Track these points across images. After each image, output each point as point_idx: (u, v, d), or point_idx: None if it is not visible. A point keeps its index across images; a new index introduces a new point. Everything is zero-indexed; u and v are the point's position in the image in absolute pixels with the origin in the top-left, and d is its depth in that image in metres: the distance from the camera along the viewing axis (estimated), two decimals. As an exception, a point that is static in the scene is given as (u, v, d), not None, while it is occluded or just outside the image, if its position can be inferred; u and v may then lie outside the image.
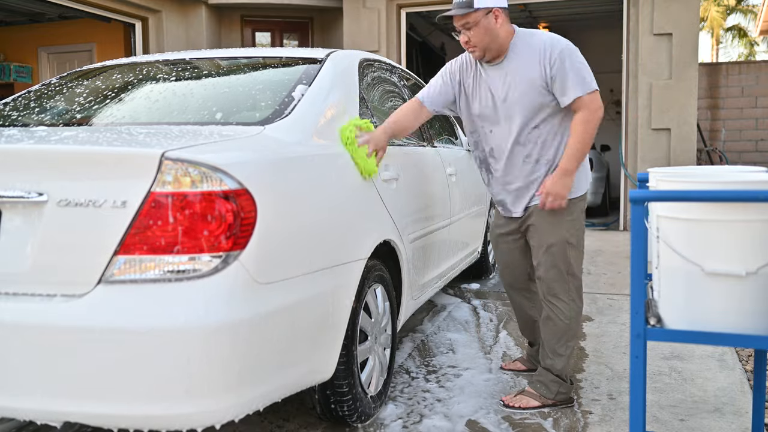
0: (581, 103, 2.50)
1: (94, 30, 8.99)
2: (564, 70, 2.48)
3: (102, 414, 1.73)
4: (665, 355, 3.25)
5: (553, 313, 2.67)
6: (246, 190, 1.83)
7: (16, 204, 1.81)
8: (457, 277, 4.74)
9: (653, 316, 1.59)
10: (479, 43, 2.56)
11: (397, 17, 8.38)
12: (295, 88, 2.51)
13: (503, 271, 2.95)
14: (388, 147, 2.96)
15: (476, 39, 2.56)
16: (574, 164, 2.51)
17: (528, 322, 2.99)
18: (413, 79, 4.07)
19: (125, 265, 1.75)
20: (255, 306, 1.83)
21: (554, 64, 2.49)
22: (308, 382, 2.16)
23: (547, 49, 2.51)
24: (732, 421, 2.52)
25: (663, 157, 7.33)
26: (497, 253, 2.95)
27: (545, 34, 2.59)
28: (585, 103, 2.50)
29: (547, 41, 2.54)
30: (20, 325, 1.75)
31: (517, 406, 2.66)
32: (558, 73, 2.49)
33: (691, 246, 1.49)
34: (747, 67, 10.55)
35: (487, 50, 2.58)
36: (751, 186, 1.46)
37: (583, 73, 2.51)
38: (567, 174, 2.52)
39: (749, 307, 1.46)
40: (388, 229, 2.68)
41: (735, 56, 30.45)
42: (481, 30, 2.53)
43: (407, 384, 2.95)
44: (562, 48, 2.51)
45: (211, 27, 8.54)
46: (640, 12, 7.34)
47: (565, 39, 2.59)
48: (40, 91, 2.91)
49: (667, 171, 1.75)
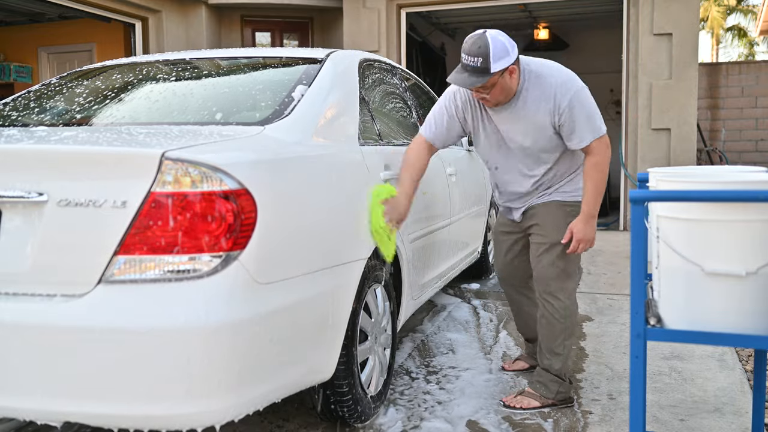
0: (591, 148, 2.52)
1: (94, 30, 8.99)
2: (573, 118, 2.48)
3: (102, 414, 1.73)
4: (665, 355, 3.25)
5: (548, 312, 2.68)
6: (246, 190, 1.83)
7: (16, 204, 1.81)
8: (457, 277, 4.74)
9: (653, 316, 1.59)
10: (494, 99, 2.52)
11: (397, 17, 8.38)
12: (295, 88, 2.50)
13: (503, 268, 2.96)
14: (390, 147, 2.97)
15: (492, 96, 2.50)
16: (595, 207, 2.54)
17: (527, 320, 3.00)
18: (413, 79, 4.07)
19: (125, 265, 1.75)
20: (255, 306, 1.83)
21: (564, 113, 2.48)
22: (308, 382, 2.16)
23: (557, 97, 2.47)
24: (732, 421, 2.52)
25: (663, 157, 7.33)
26: (498, 249, 2.97)
27: (554, 76, 2.52)
28: (594, 147, 2.51)
29: (556, 87, 2.49)
30: (20, 325, 1.75)
31: (518, 406, 2.66)
32: (567, 122, 2.49)
33: (691, 246, 1.49)
34: (747, 67, 10.55)
35: (499, 102, 2.55)
36: (751, 186, 1.46)
37: (592, 119, 2.51)
38: (592, 218, 2.55)
39: (749, 307, 1.46)
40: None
41: (735, 56, 30.46)
42: (498, 89, 2.47)
43: (408, 386, 2.94)
44: (571, 96, 2.47)
45: (211, 27, 8.54)
46: (640, 12, 7.34)
47: (574, 79, 2.54)
48: (40, 91, 2.91)
49: (667, 171, 1.75)
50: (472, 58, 2.38)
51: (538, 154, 2.62)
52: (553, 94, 2.48)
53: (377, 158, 2.74)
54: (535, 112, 2.52)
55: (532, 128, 2.55)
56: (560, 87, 2.48)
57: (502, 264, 2.96)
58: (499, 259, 2.97)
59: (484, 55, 2.37)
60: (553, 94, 2.48)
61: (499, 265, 2.99)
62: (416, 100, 3.86)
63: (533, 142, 2.58)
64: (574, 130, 2.49)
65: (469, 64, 2.40)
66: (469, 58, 2.39)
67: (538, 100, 2.50)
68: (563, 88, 2.48)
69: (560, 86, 2.49)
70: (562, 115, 2.48)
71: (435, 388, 2.90)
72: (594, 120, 2.51)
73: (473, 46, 2.39)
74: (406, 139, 3.34)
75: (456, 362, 3.24)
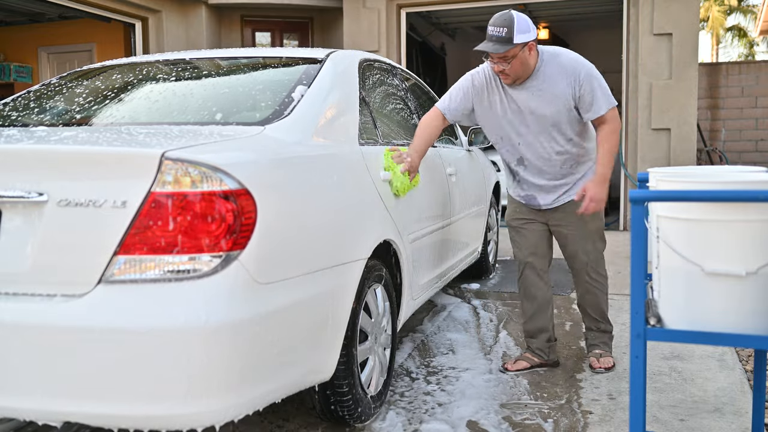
0: (605, 117, 2.81)
1: (94, 30, 8.99)
2: (592, 89, 2.77)
3: (102, 414, 1.73)
4: (665, 355, 3.25)
5: (597, 288, 3.09)
6: (246, 190, 1.83)
7: (16, 204, 1.81)
8: (457, 277, 4.74)
9: (653, 316, 1.59)
10: (513, 73, 2.77)
11: (397, 17, 8.38)
12: (295, 88, 2.50)
13: (529, 252, 3.13)
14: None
15: (512, 70, 2.75)
16: (609, 170, 2.82)
17: (542, 307, 3.15)
18: (413, 79, 4.07)
19: (125, 265, 1.75)
20: (255, 306, 1.83)
21: (583, 84, 2.76)
22: (308, 382, 2.16)
23: (575, 71, 2.77)
24: (732, 421, 2.52)
25: (663, 157, 7.33)
26: (519, 238, 3.15)
27: (568, 55, 2.83)
28: (609, 117, 2.81)
29: (573, 63, 2.79)
30: (20, 325, 1.75)
31: (605, 367, 3.04)
32: (586, 92, 2.77)
33: (691, 246, 1.49)
34: (747, 67, 10.55)
35: (518, 78, 2.81)
36: (751, 186, 1.46)
37: (606, 91, 2.81)
38: (605, 180, 2.82)
39: (749, 307, 1.46)
40: (388, 228, 2.68)
41: (735, 56, 30.46)
42: (518, 62, 2.72)
43: (408, 387, 2.94)
44: (587, 70, 2.78)
45: (211, 27, 8.54)
46: (640, 12, 7.34)
47: (584, 59, 2.84)
48: (40, 91, 2.91)
49: (667, 171, 1.75)
50: (497, 28, 2.65)
51: (558, 126, 2.86)
52: (572, 68, 2.77)
53: (377, 158, 2.74)
54: (556, 84, 2.79)
55: (553, 100, 2.80)
56: (576, 63, 2.80)
57: (533, 250, 3.12)
58: (527, 246, 3.13)
59: (509, 26, 2.64)
60: (572, 68, 2.77)
61: (529, 251, 3.13)
62: (416, 100, 3.86)
63: (555, 113, 2.83)
64: (593, 100, 2.78)
65: (494, 34, 2.66)
66: (494, 28, 2.66)
67: (557, 75, 2.78)
68: (578, 63, 2.79)
69: (576, 61, 2.80)
70: (582, 86, 2.76)
71: (435, 389, 2.90)
72: (607, 92, 2.81)
73: (499, 18, 2.67)
74: (406, 139, 3.34)
75: (456, 362, 3.24)
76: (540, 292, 3.14)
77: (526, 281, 3.15)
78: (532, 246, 3.12)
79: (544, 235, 3.12)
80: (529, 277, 3.14)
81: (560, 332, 3.74)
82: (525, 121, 2.87)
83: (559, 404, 2.73)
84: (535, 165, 2.96)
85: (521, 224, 3.13)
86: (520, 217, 3.13)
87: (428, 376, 3.05)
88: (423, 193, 3.20)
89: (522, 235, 3.13)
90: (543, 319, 3.13)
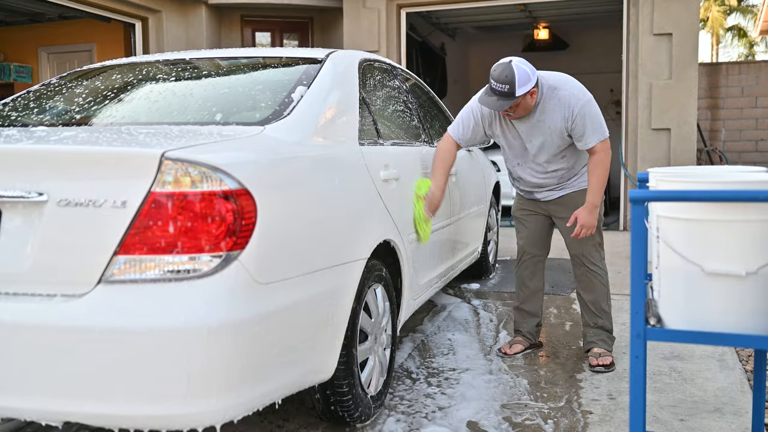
0: (596, 148, 2.98)
1: (94, 30, 8.99)
2: (583, 124, 2.94)
3: (102, 414, 1.73)
4: (665, 355, 3.25)
5: (595, 278, 3.20)
6: (246, 190, 1.83)
7: (16, 204, 1.81)
8: (457, 277, 4.74)
9: (653, 316, 1.59)
10: (516, 114, 2.97)
11: (397, 17, 8.38)
12: (295, 88, 2.50)
13: (528, 242, 3.36)
14: (390, 147, 2.98)
15: (516, 113, 2.96)
16: (598, 200, 3.02)
17: (538, 293, 3.40)
18: (413, 79, 4.07)
19: (125, 265, 1.75)
20: (255, 306, 1.83)
21: (575, 119, 2.93)
22: (308, 382, 2.16)
23: (570, 106, 2.93)
24: (732, 421, 2.52)
25: (663, 157, 7.33)
26: (521, 227, 3.39)
27: (566, 88, 2.96)
28: (599, 148, 2.98)
29: (569, 98, 2.94)
30: (20, 325, 1.75)
31: (603, 364, 3.08)
32: (577, 127, 2.95)
33: (691, 246, 1.49)
34: (747, 67, 10.55)
35: (520, 116, 3.00)
36: (751, 186, 1.46)
37: (597, 125, 2.96)
38: (595, 208, 3.02)
39: (749, 307, 1.46)
40: (388, 228, 2.68)
41: (735, 56, 30.46)
42: (521, 107, 2.92)
43: (409, 389, 2.94)
44: (582, 105, 2.93)
45: (211, 27, 8.54)
46: (640, 12, 7.34)
47: (583, 90, 2.99)
48: (40, 91, 2.91)
49: (667, 171, 1.75)
50: (500, 84, 2.81)
51: (553, 152, 3.08)
52: (567, 103, 2.93)
53: (377, 158, 2.74)
54: (551, 118, 2.97)
55: (549, 131, 3.01)
56: (572, 98, 2.94)
57: (531, 239, 3.35)
58: (527, 235, 3.36)
59: (510, 82, 2.79)
60: (566, 103, 2.93)
61: (528, 241, 3.35)
62: (416, 100, 3.86)
63: (550, 143, 3.04)
64: (584, 133, 2.95)
65: (497, 89, 2.82)
66: (497, 84, 2.81)
67: (555, 109, 2.96)
68: (574, 99, 2.94)
69: (572, 97, 2.94)
70: (575, 120, 2.93)
71: (435, 391, 2.90)
72: (598, 125, 2.97)
73: (501, 74, 2.80)
74: (406, 139, 3.34)
75: (456, 363, 3.24)
76: (533, 282, 3.37)
77: (522, 270, 3.39)
78: (531, 236, 3.34)
79: (545, 227, 3.34)
80: (527, 266, 3.37)
81: (560, 332, 3.74)
82: (524, 146, 3.12)
83: (559, 404, 2.73)
84: (532, 180, 3.22)
85: (524, 215, 3.36)
86: (523, 208, 3.36)
87: (428, 378, 3.05)
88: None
89: (524, 225, 3.37)
90: (534, 304, 3.38)
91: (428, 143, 3.65)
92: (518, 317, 3.42)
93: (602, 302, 3.21)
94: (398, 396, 2.83)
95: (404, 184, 2.96)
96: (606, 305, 3.23)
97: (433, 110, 4.25)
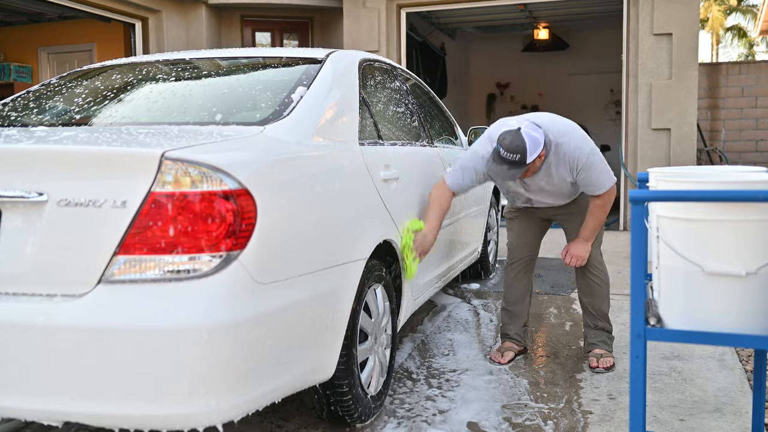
0: (599, 195, 3.02)
1: (94, 30, 8.99)
2: (588, 175, 2.97)
3: (102, 414, 1.73)
4: (665, 355, 3.25)
5: (598, 279, 3.22)
6: (246, 190, 1.83)
7: (16, 204, 1.81)
8: (457, 277, 4.74)
9: (653, 316, 1.59)
10: (525, 176, 2.98)
11: (397, 17, 8.38)
12: (295, 88, 2.50)
13: (520, 243, 3.34)
14: (390, 147, 2.97)
15: (523, 175, 2.96)
16: (591, 237, 3.12)
17: (525, 295, 3.38)
18: (413, 79, 4.07)
19: (125, 265, 1.75)
20: (255, 306, 1.83)
21: (580, 172, 2.96)
22: (308, 382, 2.16)
23: (575, 161, 2.94)
24: (732, 421, 2.52)
25: (663, 157, 7.33)
26: (514, 230, 3.36)
27: (570, 143, 2.94)
28: (602, 194, 3.01)
29: (573, 152, 2.93)
30: (20, 325, 1.75)
31: (605, 366, 3.08)
32: (583, 177, 2.98)
33: (691, 246, 1.49)
34: (747, 67, 10.54)
35: (527, 176, 3.00)
36: (751, 186, 1.46)
37: (604, 173, 2.97)
38: (587, 242, 3.13)
39: (749, 307, 1.46)
40: (388, 228, 2.68)
41: (735, 56, 30.46)
42: (530, 170, 2.94)
43: (409, 391, 2.94)
44: (586, 159, 2.93)
45: (211, 27, 8.54)
46: (640, 12, 7.34)
47: (586, 141, 2.98)
48: (39, 91, 2.91)
49: (667, 171, 1.75)
50: (510, 154, 2.79)
51: (560, 195, 3.15)
52: (573, 158, 2.94)
53: (377, 158, 2.74)
54: (557, 172, 2.99)
55: (555, 182, 3.05)
56: (576, 151, 2.93)
57: (524, 241, 3.33)
58: (520, 237, 3.34)
59: (522, 152, 2.78)
60: (572, 158, 2.94)
61: (520, 242, 3.33)
62: (416, 101, 3.86)
63: (557, 190, 3.10)
64: (590, 183, 2.99)
65: (508, 159, 2.80)
66: (508, 153, 2.80)
67: (560, 163, 2.97)
68: (579, 152, 2.93)
69: (576, 150, 2.93)
70: (579, 173, 2.97)
71: (436, 393, 2.89)
72: (604, 174, 2.97)
73: (512, 144, 2.78)
74: (406, 139, 3.34)
75: (456, 363, 3.24)
76: (522, 282, 3.36)
77: (512, 271, 3.37)
78: (524, 237, 3.33)
79: (539, 229, 3.35)
80: (517, 267, 3.36)
81: (560, 332, 3.74)
82: (532, 191, 3.14)
83: (560, 405, 2.73)
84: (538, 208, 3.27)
85: (516, 215, 3.35)
86: (517, 207, 3.34)
87: (429, 379, 3.05)
88: (423, 193, 3.20)
89: (519, 227, 3.35)
90: (522, 306, 3.36)
91: (428, 143, 3.64)
92: (506, 319, 3.38)
93: (603, 305, 3.23)
94: (398, 399, 2.83)
95: (404, 184, 2.96)
96: (606, 308, 3.24)
97: (433, 110, 4.25)
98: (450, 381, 3.00)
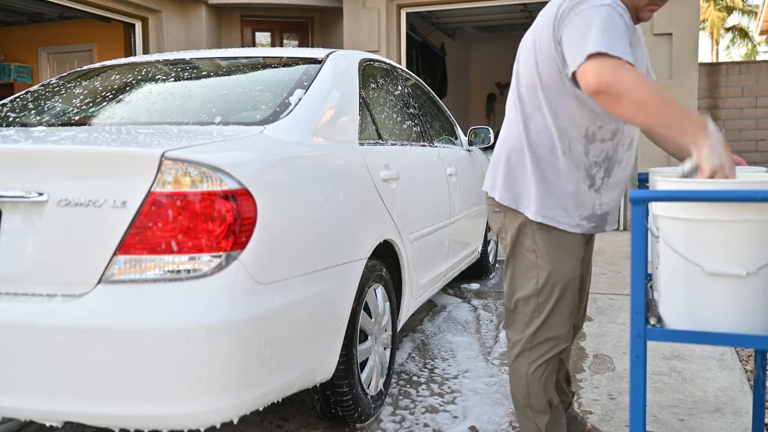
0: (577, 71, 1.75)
1: (94, 30, 9.00)
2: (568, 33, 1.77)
3: (102, 414, 1.73)
4: (665, 355, 3.25)
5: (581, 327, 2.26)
6: (246, 190, 1.83)
7: (16, 204, 1.81)
8: (457, 277, 4.74)
9: (653, 316, 1.59)
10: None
11: (397, 17, 8.38)
12: (295, 88, 2.51)
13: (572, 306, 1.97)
14: (390, 147, 2.97)
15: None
16: (680, 128, 1.71)
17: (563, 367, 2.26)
18: (413, 80, 4.07)
19: (125, 265, 1.75)
20: (255, 306, 1.83)
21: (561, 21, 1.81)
22: (308, 382, 2.16)
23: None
24: (732, 421, 2.52)
25: (663, 157, 7.33)
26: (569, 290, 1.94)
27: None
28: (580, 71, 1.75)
29: None
30: (20, 325, 1.75)
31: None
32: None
33: (691, 246, 1.48)
34: (747, 67, 10.54)
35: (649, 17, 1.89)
36: (751, 186, 1.46)
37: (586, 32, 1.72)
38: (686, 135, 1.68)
39: (749, 307, 1.46)
40: (388, 228, 2.68)
41: (736, 56, 30.46)
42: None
43: (409, 393, 2.94)
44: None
45: (211, 27, 8.54)
46: (640, 12, 7.34)
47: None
48: (39, 91, 2.91)
49: (667, 171, 1.75)
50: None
51: None
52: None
53: (377, 158, 2.74)
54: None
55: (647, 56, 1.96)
56: None
57: (574, 303, 1.98)
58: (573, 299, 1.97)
59: None
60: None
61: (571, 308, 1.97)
62: (416, 101, 3.86)
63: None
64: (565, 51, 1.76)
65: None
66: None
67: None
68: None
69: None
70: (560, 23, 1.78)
71: (435, 393, 2.90)
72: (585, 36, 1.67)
73: None
74: (406, 140, 3.34)
75: (456, 364, 3.24)
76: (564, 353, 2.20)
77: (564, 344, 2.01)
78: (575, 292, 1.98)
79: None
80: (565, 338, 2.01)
81: (560, 332, 3.74)
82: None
83: (559, 404, 2.73)
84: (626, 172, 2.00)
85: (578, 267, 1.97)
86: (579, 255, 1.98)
87: (429, 380, 3.05)
88: (423, 193, 3.20)
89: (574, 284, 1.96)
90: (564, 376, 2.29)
91: (428, 143, 3.64)
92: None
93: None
94: (398, 399, 2.83)
95: (404, 184, 2.96)
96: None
97: (433, 110, 4.25)
98: (450, 382, 3.00)
